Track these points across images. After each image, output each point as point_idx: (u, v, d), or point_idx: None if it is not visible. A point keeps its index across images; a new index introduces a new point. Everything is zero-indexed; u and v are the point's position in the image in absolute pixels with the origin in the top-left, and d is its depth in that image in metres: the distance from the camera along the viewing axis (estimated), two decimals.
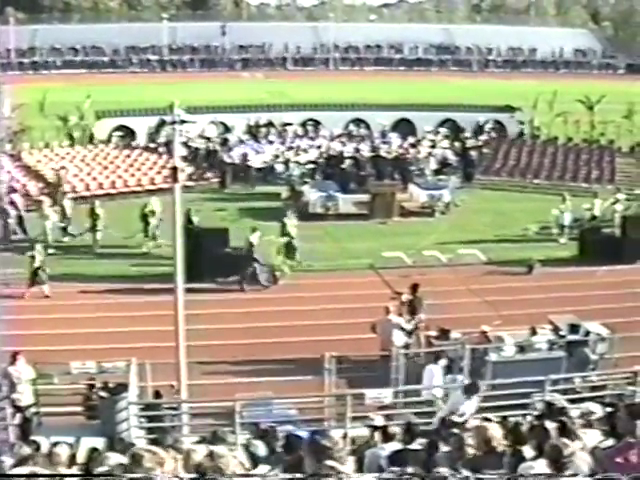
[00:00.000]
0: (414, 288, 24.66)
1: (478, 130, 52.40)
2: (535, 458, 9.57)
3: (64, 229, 34.89)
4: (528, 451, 9.95)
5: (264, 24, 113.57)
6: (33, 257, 29.24)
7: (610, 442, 9.98)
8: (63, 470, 10.34)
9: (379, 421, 13.45)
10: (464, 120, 53.55)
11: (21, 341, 22.89)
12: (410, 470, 9.97)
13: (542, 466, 9.10)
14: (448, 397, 18.64)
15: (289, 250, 31.74)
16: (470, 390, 16.74)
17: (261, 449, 12.33)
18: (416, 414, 17.88)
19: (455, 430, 12.12)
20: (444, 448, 10.90)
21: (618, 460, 8.99)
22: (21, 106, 51.21)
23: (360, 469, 11.61)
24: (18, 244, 33.40)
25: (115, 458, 9.87)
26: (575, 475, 8.77)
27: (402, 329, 22.89)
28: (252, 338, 24.94)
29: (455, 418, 14.55)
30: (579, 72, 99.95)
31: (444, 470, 9.36)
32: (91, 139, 50.20)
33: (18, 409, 18.60)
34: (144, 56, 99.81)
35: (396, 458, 11.02)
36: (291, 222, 32.59)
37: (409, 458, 10.79)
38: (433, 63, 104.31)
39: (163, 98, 32.50)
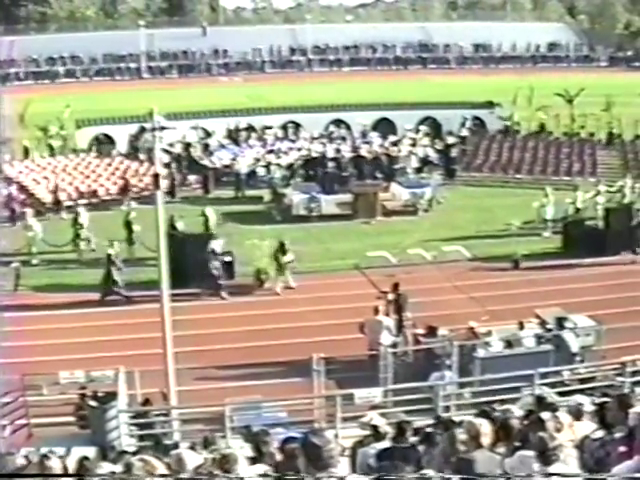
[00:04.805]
0: (395, 287, 24.76)
1: (458, 127, 52.39)
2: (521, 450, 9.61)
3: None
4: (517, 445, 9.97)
5: (241, 28, 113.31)
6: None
7: (600, 433, 10.02)
8: None
9: (377, 420, 13.31)
10: (444, 117, 53.56)
11: (8, 353, 22.87)
12: (398, 468, 9.95)
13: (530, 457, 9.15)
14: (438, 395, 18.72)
15: None
16: None
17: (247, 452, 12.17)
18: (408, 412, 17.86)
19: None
20: (436, 445, 10.88)
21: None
22: (1, 118, 51.13)
23: (354, 469, 11.64)
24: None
25: (107, 467, 9.87)
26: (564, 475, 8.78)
27: (389, 328, 22.95)
28: (239, 342, 24.93)
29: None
30: (557, 66, 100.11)
31: (429, 471, 9.30)
32: (74, 149, 50.02)
33: None
34: (122, 64, 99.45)
35: (384, 456, 11.01)
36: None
37: (397, 456, 10.76)
38: (411, 62, 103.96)
39: (143, 105, 32.45)
